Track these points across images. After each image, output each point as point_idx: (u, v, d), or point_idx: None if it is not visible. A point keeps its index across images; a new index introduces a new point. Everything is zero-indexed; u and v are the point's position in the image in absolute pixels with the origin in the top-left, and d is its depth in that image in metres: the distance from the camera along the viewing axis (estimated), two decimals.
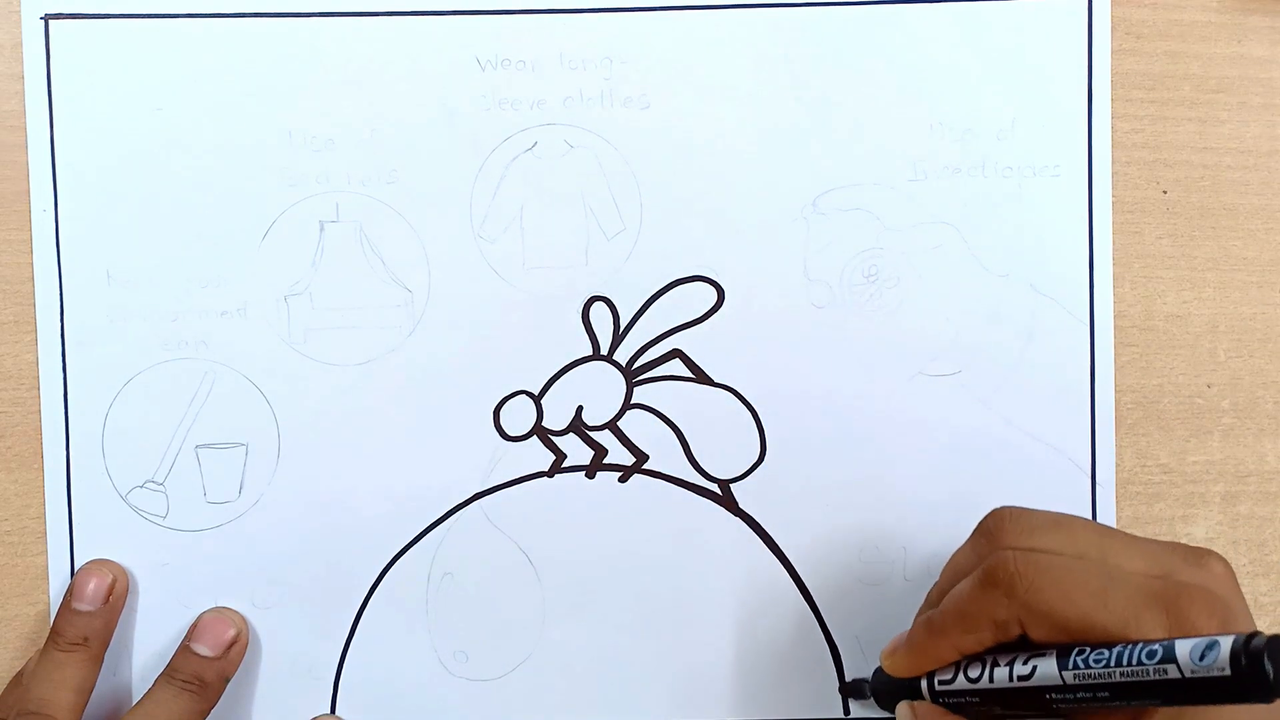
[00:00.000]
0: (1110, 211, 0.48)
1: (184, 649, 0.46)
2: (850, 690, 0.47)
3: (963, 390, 0.48)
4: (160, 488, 0.47)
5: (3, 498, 0.47)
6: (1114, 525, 0.48)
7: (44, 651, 0.45)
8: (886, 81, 0.47)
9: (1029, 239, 0.48)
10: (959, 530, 0.48)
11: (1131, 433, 0.48)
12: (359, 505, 0.47)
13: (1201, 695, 0.34)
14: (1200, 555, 0.38)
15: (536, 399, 0.48)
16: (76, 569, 0.46)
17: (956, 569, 0.41)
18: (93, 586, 0.45)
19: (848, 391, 0.48)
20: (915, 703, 0.41)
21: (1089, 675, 0.36)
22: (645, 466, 0.48)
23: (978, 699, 0.39)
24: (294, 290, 0.47)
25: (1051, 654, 0.37)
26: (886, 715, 0.43)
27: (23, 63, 0.46)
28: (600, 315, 0.48)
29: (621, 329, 0.48)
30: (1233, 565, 0.38)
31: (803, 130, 0.47)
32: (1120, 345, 0.48)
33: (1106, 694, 0.36)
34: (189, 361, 0.47)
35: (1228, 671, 0.33)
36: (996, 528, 0.39)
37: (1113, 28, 0.47)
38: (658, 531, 0.48)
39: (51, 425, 0.47)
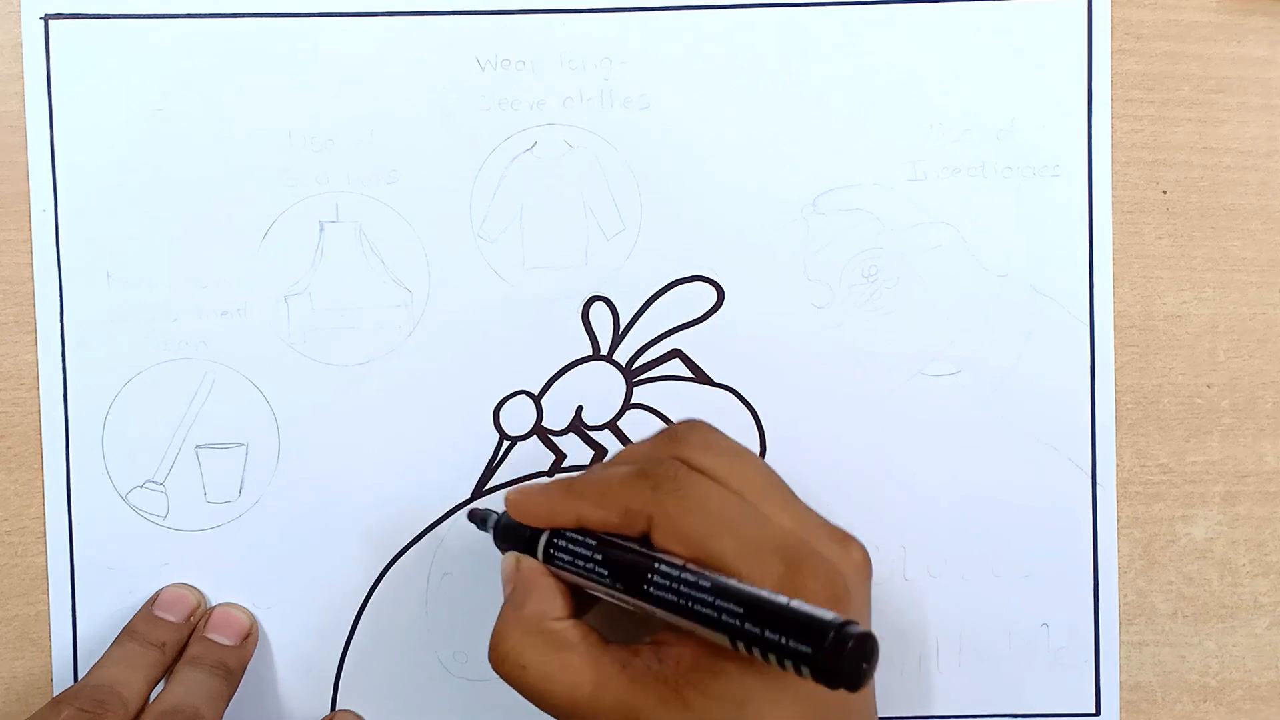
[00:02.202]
0: (1110, 211, 0.48)
1: (202, 639, 0.46)
2: (475, 516, 0.44)
3: (963, 390, 0.48)
4: (160, 488, 0.47)
5: (3, 498, 0.47)
6: (1114, 525, 0.48)
7: (117, 643, 0.45)
8: (886, 81, 0.47)
9: (1029, 239, 0.48)
10: (959, 531, 0.48)
11: (1131, 433, 0.48)
12: (359, 505, 0.47)
13: (780, 656, 0.34)
14: (845, 538, 0.39)
15: (536, 399, 0.48)
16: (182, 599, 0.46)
17: (628, 454, 0.41)
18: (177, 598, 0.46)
19: (848, 391, 0.48)
20: (522, 556, 0.40)
21: (684, 582, 0.36)
22: None
23: (582, 570, 0.38)
24: (294, 290, 0.47)
25: (665, 560, 0.37)
26: None
27: (23, 63, 0.46)
28: (600, 315, 0.48)
29: (621, 329, 0.48)
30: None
31: (802, 130, 0.47)
32: (1120, 345, 0.48)
33: (701, 608, 0.35)
34: (189, 361, 0.47)
35: (807, 648, 0.33)
36: (681, 436, 0.40)
37: (1112, 28, 0.47)
38: None
39: (51, 425, 0.47)
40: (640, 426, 0.48)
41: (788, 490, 0.40)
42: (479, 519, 0.44)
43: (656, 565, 0.37)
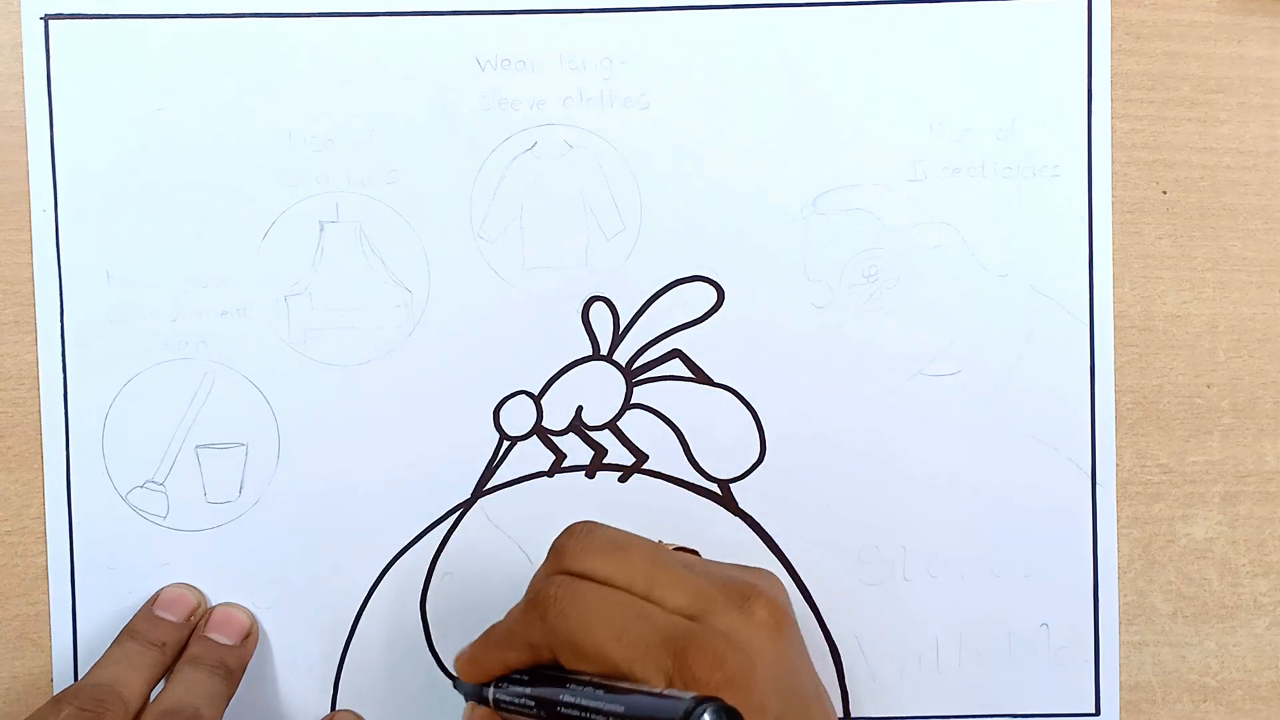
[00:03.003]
0: (1110, 211, 0.48)
1: (202, 638, 0.46)
2: (451, 676, 0.45)
3: (963, 390, 0.48)
4: (160, 488, 0.47)
5: (3, 498, 0.47)
6: (1114, 525, 0.48)
7: (117, 643, 0.45)
8: (886, 81, 0.47)
9: (1029, 239, 0.48)
10: (959, 531, 0.48)
11: (1131, 433, 0.48)
12: (359, 505, 0.47)
13: None
14: (746, 599, 0.38)
15: (536, 399, 0.48)
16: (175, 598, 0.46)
17: (532, 583, 0.41)
18: (177, 598, 0.46)
19: (848, 391, 0.48)
20: (476, 707, 0.41)
21: (580, 704, 0.36)
22: (645, 466, 0.48)
23: (522, 712, 0.39)
24: (294, 290, 0.47)
25: (575, 680, 0.37)
26: None
27: (23, 63, 0.46)
28: (600, 315, 0.48)
29: (621, 329, 0.48)
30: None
31: (803, 130, 0.47)
32: (1120, 345, 0.48)
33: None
34: (189, 361, 0.47)
35: None
36: (561, 548, 0.40)
37: (1112, 28, 0.47)
38: (658, 532, 0.48)
39: (51, 425, 0.47)
40: (640, 426, 0.48)
41: (677, 566, 0.39)
42: (454, 678, 0.44)
43: (560, 694, 0.37)
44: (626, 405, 0.48)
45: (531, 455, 0.48)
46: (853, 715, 0.48)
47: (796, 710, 0.37)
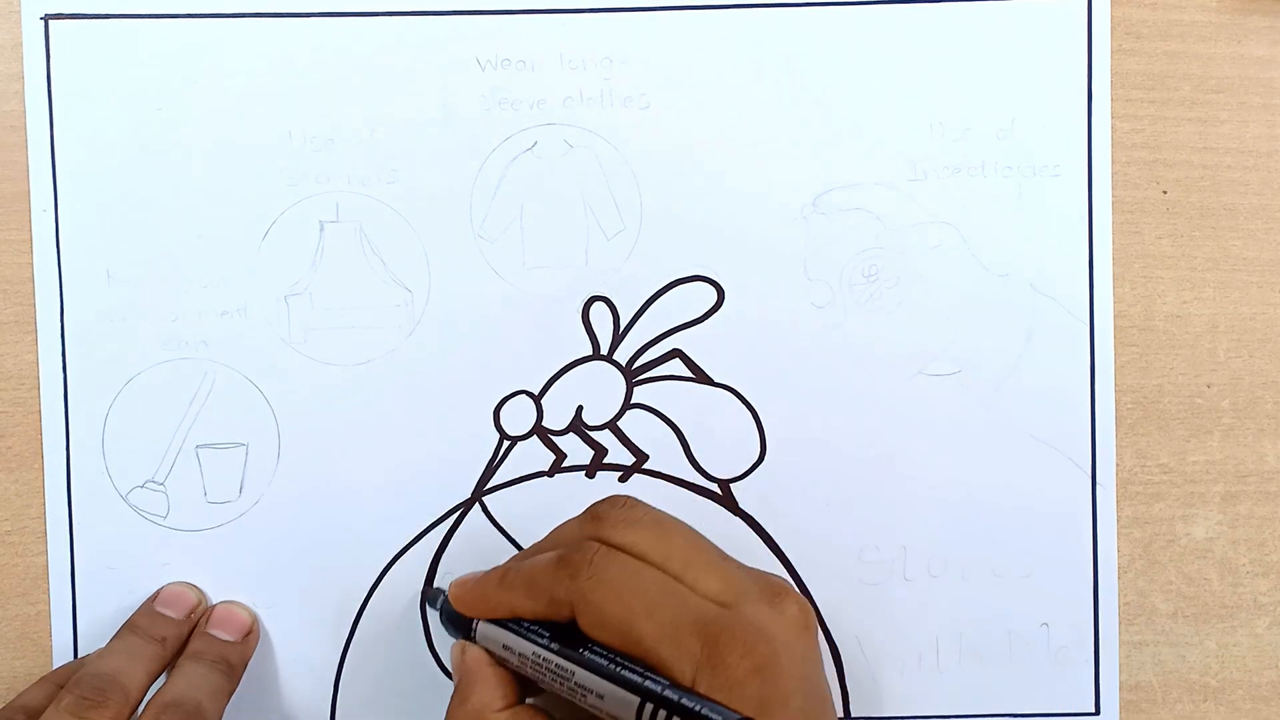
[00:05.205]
0: (1110, 211, 0.48)
1: (204, 634, 0.46)
2: (426, 595, 0.47)
3: (963, 390, 0.48)
4: (160, 488, 0.47)
5: (3, 498, 0.47)
6: (1114, 525, 0.48)
7: (119, 636, 0.45)
8: (886, 81, 0.47)
9: (1029, 239, 0.48)
10: (959, 531, 0.48)
11: (1131, 433, 0.48)
12: (359, 505, 0.47)
13: None
14: (778, 595, 0.39)
15: (536, 399, 0.48)
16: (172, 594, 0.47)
17: (559, 536, 0.42)
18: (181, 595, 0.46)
19: (848, 391, 0.48)
20: (470, 646, 0.41)
21: (594, 667, 0.37)
22: (645, 466, 0.48)
23: (518, 662, 0.40)
24: (294, 290, 0.47)
25: (581, 646, 0.38)
26: None
27: (23, 63, 0.46)
28: (600, 315, 0.48)
29: (621, 329, 0.48)
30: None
31: (803, 130, 0.47)
32: (1120, 345, 0.48)
33: (613, 707, 0.36)
34: (189, 361, 0.47)
35: None
36: (602, 513, 0.40)
37: (1113, 28, 0.47)
38: None
39: (51, 425, 0.47)
40: (640, 426, 0.48)
41: (715, 552, 0.40)
42: (429, 598, 0.46)
43: (581, 656, 0.38)
44: (627, 405, 0.48)
45: (532, 455, 0.48)
46: (853, 715, 0.48)
47: (817, 709, 0.38)
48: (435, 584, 0.47)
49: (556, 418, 0.48)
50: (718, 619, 0.37)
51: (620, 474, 0.48)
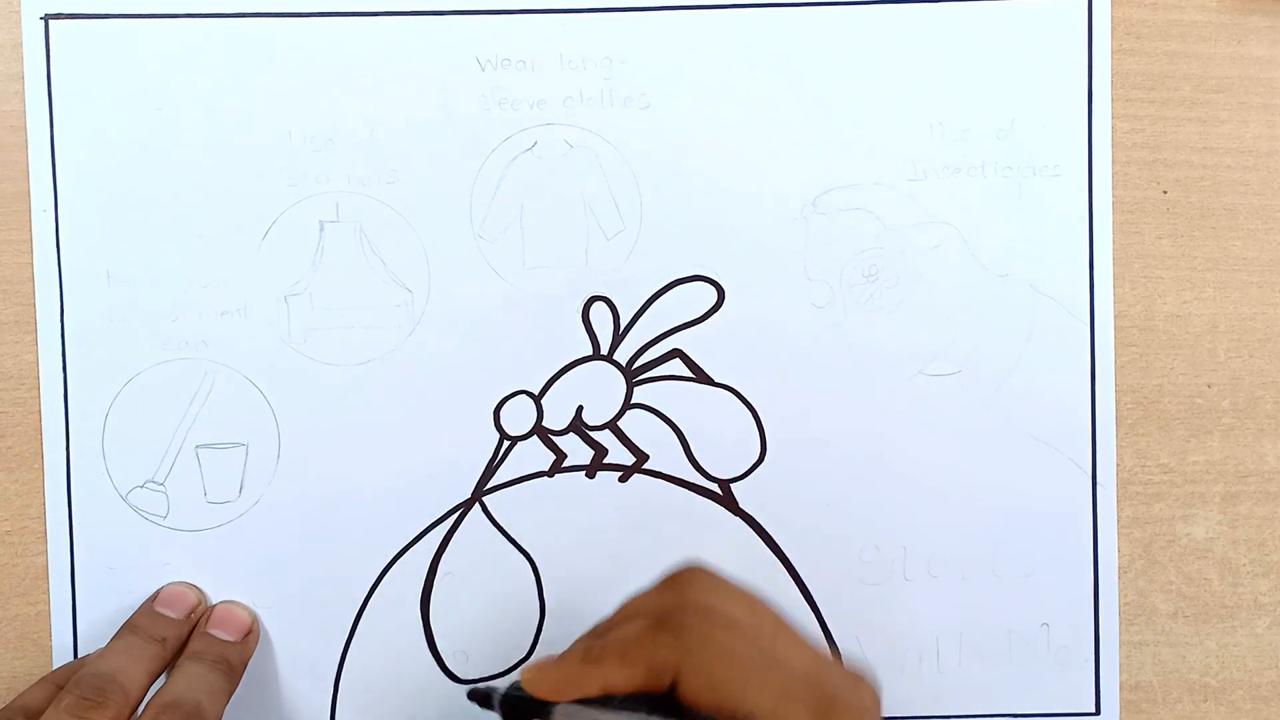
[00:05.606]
0: (1110, 211, 0.48)
1: (204, 634, 0.46)
2: (477, 696, 0.41)
3: (963, 390, 0.48)
4: (160, 488, 0.47)
5: (3, 498, 0.47)
6: (1114, 525, 0.48)
7: (119, 636, 0.45)
8: (886, 81, 0.47)
9: (1029, 239, 0.48)
10: (959, 531, 0.48)
11: (1131, 433, 0.48)
12: (359, 505, 0.47)
13: None
14: (857, 681, 0.39)
15: (536, 399, 0.48)
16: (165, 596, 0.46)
17: (635, 608, 0.40)
18: (180, 595, 0.46)
19: (848, 391, 0.48)
20: None
21: None
22: (645, 466, 0.48)
23: None
24: (294, 290, 0.47)
25: (682, 714, 0.36)
26: None
27: (23, 63, 0.46)
28: (600, 315, 0.48)
29: (621, 329, 0.48)
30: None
31: (803, 130, 0.47)
32: (1120, 345, 0.48)
33: None
34: (189, 361, 0.47)
35: None
36: (686, 579, 0.39)
37: (1113, 28, 0.47)
38: (658, 531, 0.48)
39: (51, 425, 0.47)
40: (641, 426, 0.48)
41: (794, 628, 0.39)
42: (480, 698, 0.41)
43: None
44: (627, 405, 0.48)
45: (532, 455, 0.48)
46: None
47: None
48: (434, 587, 0.47)
49: (557, 418, 0.48)
50: (823, 693, 0.37)
51: (620, 474, 0.48)
